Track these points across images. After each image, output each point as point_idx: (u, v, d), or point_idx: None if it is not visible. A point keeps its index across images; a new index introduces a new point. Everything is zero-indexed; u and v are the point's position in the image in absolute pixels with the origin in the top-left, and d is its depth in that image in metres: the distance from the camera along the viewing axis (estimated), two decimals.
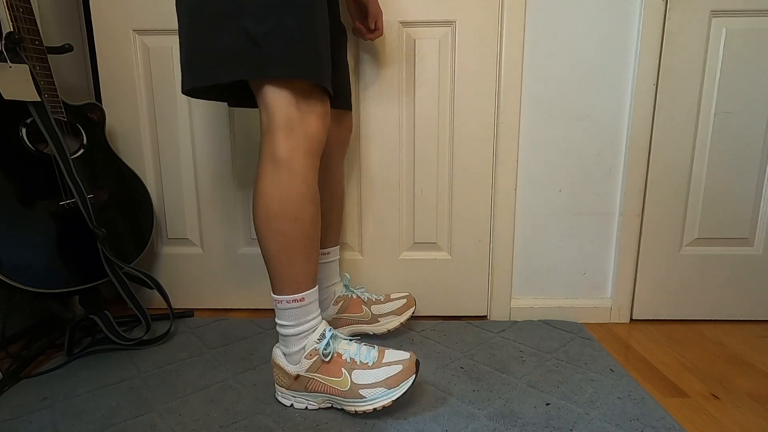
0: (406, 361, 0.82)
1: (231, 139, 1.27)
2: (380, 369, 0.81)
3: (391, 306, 1.09)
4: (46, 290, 0.98)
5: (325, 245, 1.08)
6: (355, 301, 1.10)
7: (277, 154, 0.76)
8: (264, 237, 0.80)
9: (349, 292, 1.11)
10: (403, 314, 1.08)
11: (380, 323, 1.08)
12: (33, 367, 1.01)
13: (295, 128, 0.77)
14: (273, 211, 0.77)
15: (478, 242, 1.23)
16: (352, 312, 1.08)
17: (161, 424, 0.80)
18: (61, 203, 1.03)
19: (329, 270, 1.09)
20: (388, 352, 0.84)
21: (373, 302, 1.10)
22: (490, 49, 1.14)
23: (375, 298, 1.10)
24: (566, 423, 0.80)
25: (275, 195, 0.77)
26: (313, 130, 0.78)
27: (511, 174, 1.19)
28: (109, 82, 1.25)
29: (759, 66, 1.13)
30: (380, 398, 0.79)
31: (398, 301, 1.10)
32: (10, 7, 0.96)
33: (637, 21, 1.12)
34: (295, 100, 0.77)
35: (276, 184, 0.77)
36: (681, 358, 1.05)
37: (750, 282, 1.22)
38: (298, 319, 0.82)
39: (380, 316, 1.08)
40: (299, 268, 0.81)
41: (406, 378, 0.80)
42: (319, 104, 0.79)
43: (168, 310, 1.16)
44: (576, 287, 1.25)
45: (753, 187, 1.19)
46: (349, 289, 1.11)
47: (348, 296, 1.10)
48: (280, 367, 0.84)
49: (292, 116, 0.76)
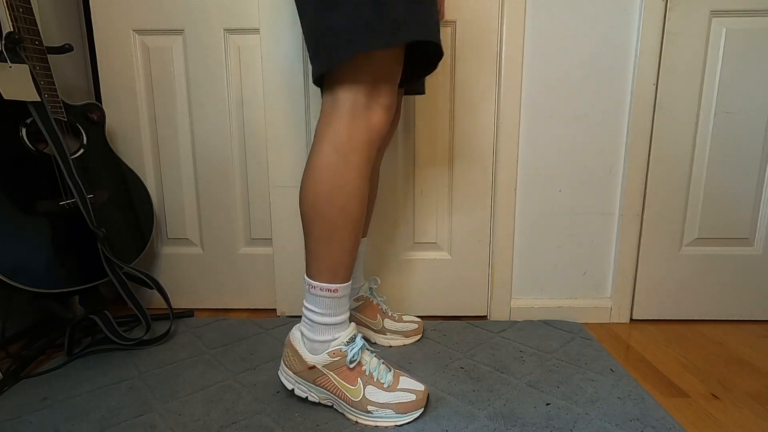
0: (420, 392, 0.82)
1: (231, 139, 1.27)
2: (394, 393, 0.80)
3: (402, 327, 1.09)
4: (46, 290, 0.98)
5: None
6: (374, 307, 1.09)
7: (337, 141, 0.75)
8: (309, 219, 0.79)
9: (372, 296, 1.10)
10: (409, 338, 1.10)
11: (386, 336, 1.09)
12: (33, 367, 1.01)
13: (358, 117, 0.75)
14: (323, 196, 0.76)
15: (478, 242, 1.23)
16: (367, 315, 1.08)
17: (161, 424, 0.80)
18: (61, 203, 1.03)
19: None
20: (403, 379, 0.84)
21: (388, 316, 1.10)
22: (490, 49, 1.14)
23: (391, 314, 1.11)
24: (566, 423, 0.79)
25: (328, 180, 0.76)
26: (376, 120, 0.77)
27: (511, 174, 1.19)
28: (109, 82, 1.25)
29: (759, 66, 1.13)
30: (386, 419, 0.79)
31: (410, 324, 1.10)
32: (10, 7, 0.96)
33: (637, 21, 1.12)
34: (364, 88, 0.75)
35: (331, 169, 0.76)
36: (681, 358, 1.05)
37: (750, 282, 1.22)
38: (329, 309, 0.81)
39: (389, 331, 1.09)
40: (337, 257, 0.79)
41: (415, 408, 0.81)
42: (386, 94, 0.77)
43: (168, 310, 1.16)
44: (576, 287, 1.25)
45: (753, 187, 1.19)
46: (372, 293, 1.11)
47: (369, 299, 1.10)
48: (295, 350, 0.83)
49: (358, 104, 0.75)
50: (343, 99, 0.75)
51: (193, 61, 1.23)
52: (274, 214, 1.23)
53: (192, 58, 1.23)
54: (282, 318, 1.27)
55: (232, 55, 1.23)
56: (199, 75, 1.24)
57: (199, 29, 1.21)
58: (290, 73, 1.15)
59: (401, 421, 0.79)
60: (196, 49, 1.22)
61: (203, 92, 1.24)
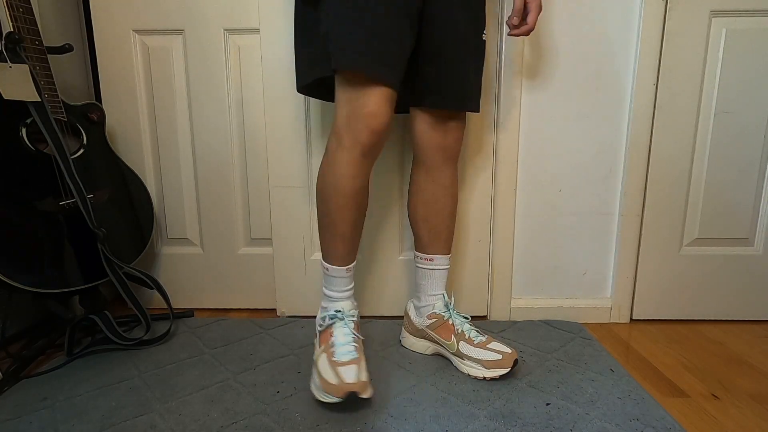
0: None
1: (231, 139, 1.27)
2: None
3: (482, 354, 0.94)
4: (46, 290, 0.98)
5: (428, 251, 1.03)
6: (448, 326, 1.00)
7: (328, 145, 0.89)
8: (316, 201, 0.95)
9: (447, 313, 1.02)
10: (490, 370, 0.93)
11: (464, 362, 0.96)
12: (33, 367, 1.01)
13: (343, 127, 0.86)
14: (317, 186, 0.93)
15: (478, 242, 1.23)
16: (441, 335, 1.00)
17: (161, 424, 0.80)
18: (61, 203, 1.03)
19: (431, 278, 1.04)
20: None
21: (466, 339, 0.97)
22: (490, 49, 1.14)
23: (473, 337, 0.97)
24: (566, 423, 0.80)
25: (320, 174, 0.92)
26: (360, 131, 0.85)
27: (511, 174, 1.19)
28: (109, 82, 1.25)
29: (759, 66, 1.13)
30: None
31: (493, 353, 0.94)
32: (10, 7, 0.96)
33: (637, 21, 1.12)
34: (349, 100, 0.85)
35: (322, 167, 0.91)
36: (681, 358, 1.05)
37: (750, 282, 1.22)
38: (324, 281, 0.97)
39: (465, 356, 0.96)
40: (327, 242, 0.94)
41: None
42: (370, 105, 0.84)
43: (168, 310, 1.16)
44: (576, 287, 1.25)
45: (753, 187, 1.19)
46: (451, 311, 1.02)
47: (442, 316, 1.02)
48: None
49: (343, 114, 0.86)
50: (336, 108, 0.88)
51: (193, 61, 1.23)
52: (274, 214, 1.23)
53: (192, 58, 1.23)
54: (282, 318, 1.27)
55: (232, 55, 1.23)
56: (199, 75, 1.24)
57: (199, 29, 1.21)
58: (290, 73, 1.15)
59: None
60: (196, 49, 1.22)
61: (203, 92, 1.24)
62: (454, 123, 0.98)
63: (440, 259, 1.04)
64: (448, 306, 1.03)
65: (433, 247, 1.03)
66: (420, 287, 1.05)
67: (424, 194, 1.01)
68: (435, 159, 0.99)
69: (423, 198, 1.01)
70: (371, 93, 0.83)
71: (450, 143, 0.99)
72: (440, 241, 1.03)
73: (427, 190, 1.01)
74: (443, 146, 0.99)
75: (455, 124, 0.99)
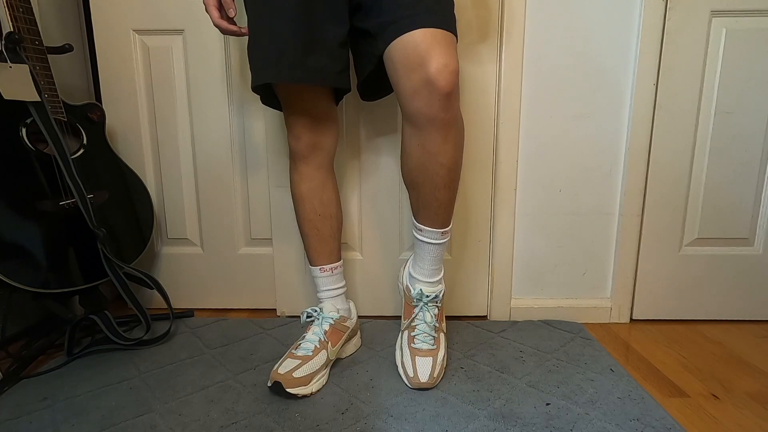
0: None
1: (231, 139, 1.27)
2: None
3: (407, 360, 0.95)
4: (46, 290, 0.98)
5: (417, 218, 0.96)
6: (409, 309, 1.02)
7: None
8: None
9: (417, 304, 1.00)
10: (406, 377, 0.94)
11: (397, 352, 1.01)
12: (33, 367, 1.01)
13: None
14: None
15: (478, 242, 1.23)
16: (404, 310, 1.04)
17: (161, 424, 0.80)
18: (61, 203, 1.03)
19: (419, 250, 0.98)
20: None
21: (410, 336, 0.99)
22: (490, 48, 1.14)
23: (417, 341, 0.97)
24: (566, 423, 0.80)
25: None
26: (290, 138, 0.97)
27: (511, 174, 1.19)
28: (109, 82, 1.25)
29: (759, 66, 1.13)
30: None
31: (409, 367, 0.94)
32: (10, 7, 0.96)
33: (637, 21, 1.12)
34: (285, 109, 0.95)
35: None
36: (681, 358, 1.05)
37: (750, 282, 1.22)
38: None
39: (399, 349, 1.01)
40: (305, 243, 1.04)
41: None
42: (294, 111, 0.94)
43: (168, 310, 1.16)
44: (576, 287, 1.25)
45: (753, 187, 1.19)
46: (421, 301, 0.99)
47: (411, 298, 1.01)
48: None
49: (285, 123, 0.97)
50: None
51: (193, 61, 1.23)
52: (274, 214, 1.23)
53: (192, 58, 1.23)
54: (282, 318, 1.27)
55: (232, 55, 1.23)
56: (199, 75, 1.24)
57: (199, 29, 1.21)
58: None
59: None
60: (196, 49, 1.22)
61: (203, 92, 1.24)
62: (435, 61, 0.78)
63: (429, 232, 0.94)
64: (422, 298, 0.97)
65: (421, 217, 0.93)
66: (414, 255, 1.00)
67: (411, 159, 0.88)
68: (418, 119, 0.83)
69: (409, 163, 0.89)
70: (285, 103, 0.94)
71: (434, 87, 0.79)
72: (429, 211, 0.92)
73: (412, 154, 0.87)
74: (427, 98, 0.80)
75: (437, 62, 0.78)
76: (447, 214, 0.94)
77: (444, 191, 0.90)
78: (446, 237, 0.96)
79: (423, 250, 0.97)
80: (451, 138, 0.85)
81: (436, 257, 0.97)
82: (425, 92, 0.79)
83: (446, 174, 0.88)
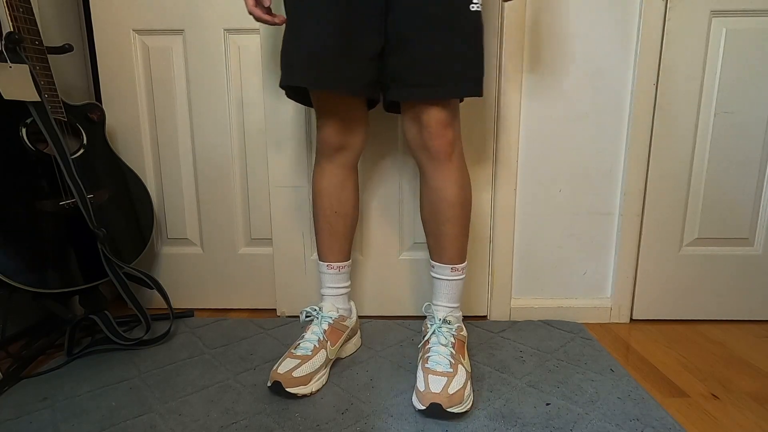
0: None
1: (231, 139, 1.27)
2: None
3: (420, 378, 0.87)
4: (46, 290, 0.98)
5: (432, 256, 0.99)
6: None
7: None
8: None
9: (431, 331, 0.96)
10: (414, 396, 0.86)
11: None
12: (33, 367, 1.01)
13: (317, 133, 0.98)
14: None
15: (478, 242, 1.23)
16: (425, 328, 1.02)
17: (161, 424, 0.80)
18: (61, 203, 1.03)
19: (434, 284, 1.01)
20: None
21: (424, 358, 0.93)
22: (490, 48, 1.14)
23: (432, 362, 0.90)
24: (566, 423, 0.80)
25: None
26: (318, 136, 0.98)
27: (511, 174, 1.19)
28: (109, 82, 1.25)
29: (759, 66, 1.13)
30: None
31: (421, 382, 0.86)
32: (10, 7, 0.96)
33: (637, 21, 1.12)
34: (316, 110, 0.96)
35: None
36: (681, 358, 1.05)
37: (750, 282, 1.22)
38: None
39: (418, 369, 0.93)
40: (318, 238, 1.04)
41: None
42: (325, 113, 0.94)
43: (168, 310, 1.16)
44: (576, 287, 1.25)
45: (753, 187, 1.19)
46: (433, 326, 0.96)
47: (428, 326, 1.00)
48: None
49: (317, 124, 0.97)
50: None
51: (193, 61, 1.23)
52: (274, 214, 1.23)
53: (192, 58, 1.23)
54: (282, 318, 1.27)
55: (232, 55, 1.23)
56: (199, 75, 1.24)
57: (199, 29, 1.21)
58: None
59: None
60: (196, 49, 1.22)
61: (203, 92, 1.24)
62: (427, 117, 0.86)
63: (440, 268, 0.97)
64: (434, 314, 0.96)
65: (434, 253, 0.98)
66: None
67: (422, 197, 0.98)
68: (421, 159, 0.92)
69: (422, 201, 0.98)
70: (317, 105, 0.95)
71: (427, 140, 0.88)
72: (439, 248, 0.96)
73: (423, 193, 0.97)
74: (422, 144, 0.89)
75: (430, 119, 0.86)
76: (454, 249, 0.96)
77: (448, 225, 0.94)
78: (456, 275, 0.97)
79: (435, 286, 1.00)
80: (452, 174, 0.92)
81: (448, 295, 0.98)
82: (425, 152, 0.91)
83: (453, 209, 0.93)
